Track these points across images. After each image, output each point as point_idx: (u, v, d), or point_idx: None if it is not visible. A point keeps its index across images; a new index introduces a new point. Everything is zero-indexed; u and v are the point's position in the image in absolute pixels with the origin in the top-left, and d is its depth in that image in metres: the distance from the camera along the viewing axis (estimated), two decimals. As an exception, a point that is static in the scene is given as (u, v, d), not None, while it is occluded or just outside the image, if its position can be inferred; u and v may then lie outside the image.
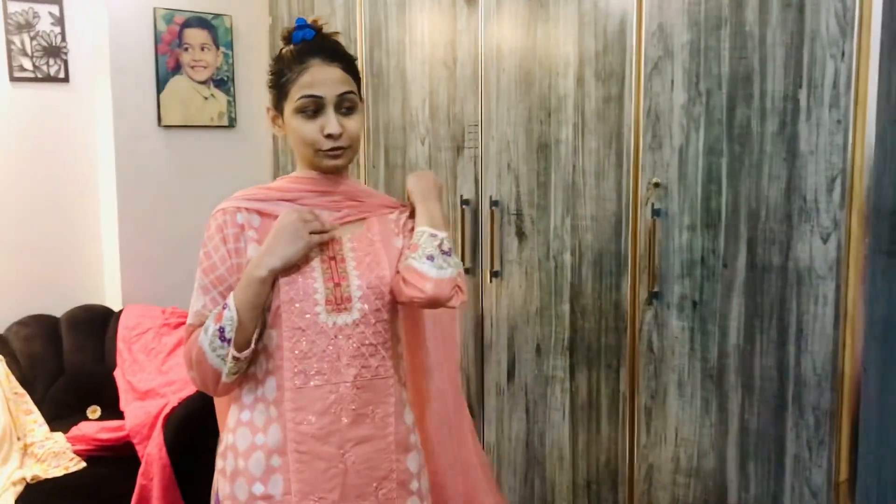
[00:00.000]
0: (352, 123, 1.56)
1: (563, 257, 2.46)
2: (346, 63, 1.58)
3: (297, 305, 1.52)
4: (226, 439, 1.60)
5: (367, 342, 1.56)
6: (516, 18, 2.49)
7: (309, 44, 1.57)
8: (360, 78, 1.62)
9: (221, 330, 1.48)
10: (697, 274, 2.17)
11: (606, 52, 2.29)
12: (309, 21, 1.60)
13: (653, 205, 2.22)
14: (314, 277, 1.54)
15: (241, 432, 1.56)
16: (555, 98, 2.42)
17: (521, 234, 2.55)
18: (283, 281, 1.52)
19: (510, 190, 2.56)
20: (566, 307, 2.46)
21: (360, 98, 1.61)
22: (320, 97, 1.53)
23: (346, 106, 1.55)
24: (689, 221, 2.16)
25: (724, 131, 2.08)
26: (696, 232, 2.16)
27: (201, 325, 1.54)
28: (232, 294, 1.50)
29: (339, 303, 1.54)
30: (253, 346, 1.52)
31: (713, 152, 2.10)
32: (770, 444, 2.07)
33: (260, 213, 1.58)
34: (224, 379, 1.51)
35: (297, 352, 1.52)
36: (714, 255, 2.13)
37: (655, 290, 2.24)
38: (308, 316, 1.52)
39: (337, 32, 1.65)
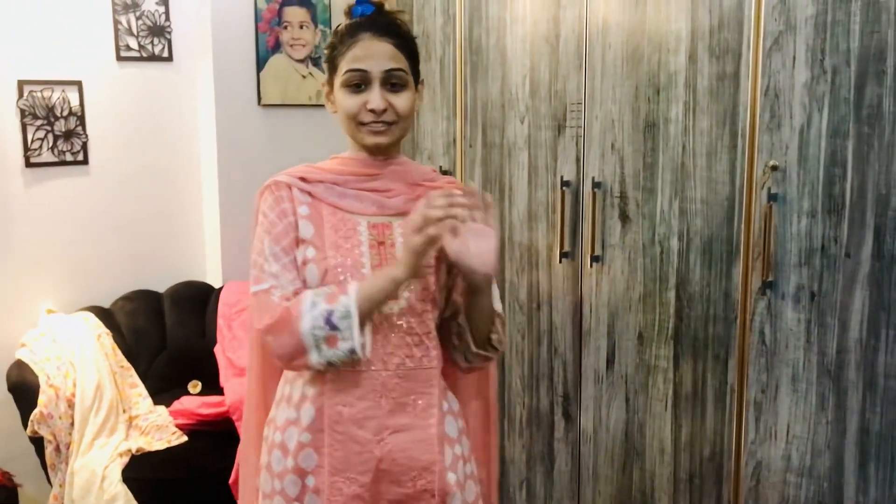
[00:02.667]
0: (399, 100, 1.53)
1: (669, 242, 2.36)
2: (400, 39, 1.55)
3: None
4: (270, 412, 1.63)
5: (412, 332, 1.54)
6: (624, -8, 2.39)
7: (364, 20, 1.55)
8: (416, 57, 1.59)
9: (330, 313, 1.43)
10: (817, 263, 2.04)
11: (722, 26, 2.17)
12: None
13: (769, 189, 2.09)
14: (362, 263, 1.52)
15: (282, 406, 1.59)
16: (664, 75, 2.31)
17: (624, 218, 2.46)
18: (332, 264, 1.51)
19: (614, 171, 2.47)
20: (671, 294, 2.37)
21: (417, 77, 1.57)
22: (366, 71, 1.51)
23: (393, 82, 1.52)
24: (808, 207, 2.04)
25: (852, 111, 1.94)
26: (816, 218, 2.03)
27: (294, 293, 1.50)
28: (354, 285, 1.45)
29: None
30: (361, 354, 1.45)
31: (838, 134, 1.97)
32: (894, 446, 1.94)
33: (311, 195, 1.58)
34: (311, 361, 1.46)
35: None
36: (836, 243, 2.00)
37: (770, 279, 2.12)
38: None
39: (401, 11, 1.63)
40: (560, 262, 2.64)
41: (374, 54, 1.51)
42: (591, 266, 2.55)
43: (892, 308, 1.92)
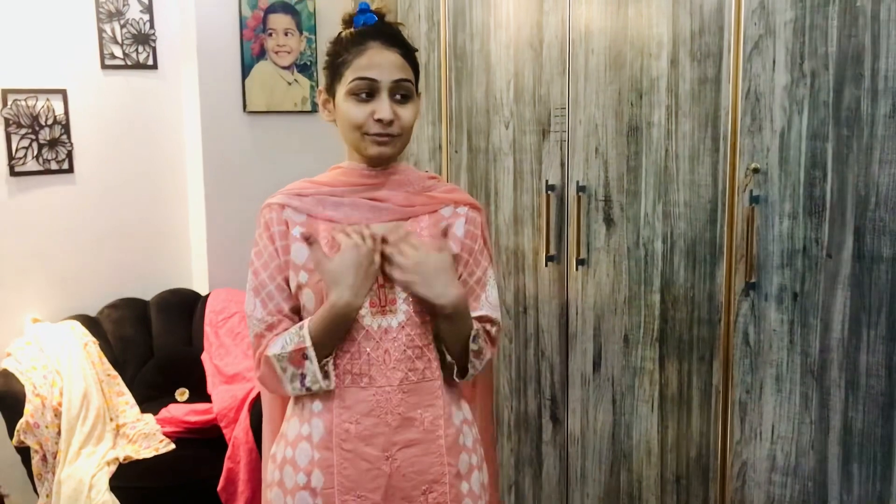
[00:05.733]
0: (405, 112, 1.52)
1: (653, 245, 2.37)
2: (406, 50, 1.54)
3: None
4: (282, 427, 1.61)
5: (413, 344, 1.52)
6: (606, -2, 2.41)
7: (370, 28, 1.53)
8: (418, 69, 1.58)
9: (303, 377, 1.49)
10: (799, 264, 2.06)
11: (703, 31, 2.19)
12: (373, 7, 1.56)
13: (751, 191, 2.12)
14: None
15: (292, 422, 1.57)
16: (647, 80, 2.33)
17: (609, 221, 2.48)
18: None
19: (598, 175, 2.49)
20: (656, 297, 2.38)
21: (417, 89, 1.56)
22: (375, 80, 1.49)
23: (400, 93, 1.51)
24: (790, 209, 2.06)
25: (831, 114, 1.96)
26: (797, 220, 2.05)
27: (267, 329, 1.54)
28: (311, 343, 1.47)
29: (383, 305, 1.51)
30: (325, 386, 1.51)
31: (818, 136, 1.99)
32: (876, 445, 1.97)
33: (307, 213, 1.55)
34: (289, 393, 1.55)
35: (344, 354, 1.50)
36: (817, 244, 2.02)
37: (752, 280, 2.14)
38: (354, 319, 1.49)
39: (400, 23, 1.61)
40: (546, 265, 2.66)
41: (383, 63, 1.49)
42: (576, 269, 2.57)
43: (872, 308, 1.94)
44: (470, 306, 1.59)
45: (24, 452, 2.73)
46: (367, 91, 1.49)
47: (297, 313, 1.56)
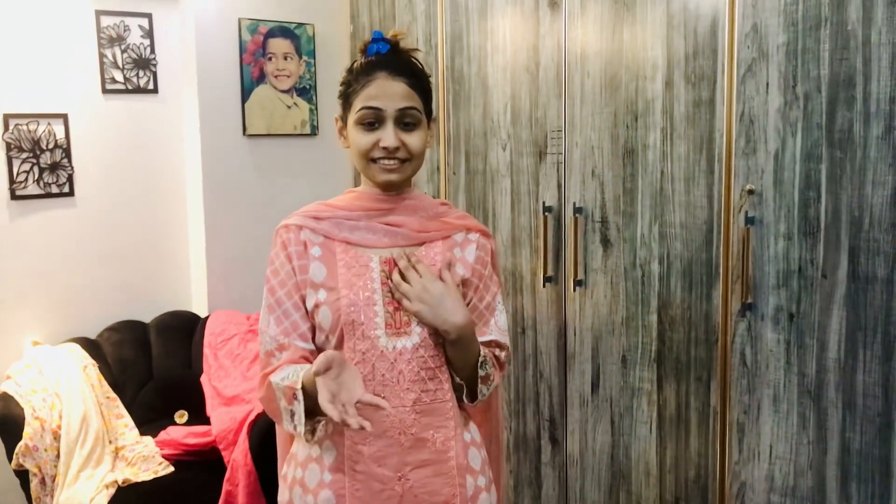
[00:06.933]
0: (412, 139, 1.55)
1: (650, 266, 2.39)
2: (414, 79, 1.57)
3: (359, 329, 1.52)
4: (292, 447, 1.62)
5: (426, 366, 1.54)
6: (601, 21, 2.43)
7: (380, 57, 1.57)
8: (430, 95, 1.61)
9: (292, 414, 1.47)
10: (794, 285, 2.07)
11: (697, 54, 2.22)
12: (388, 35, 1.60)
13: (746, 212, 2.13)
14: (375, 300, 1.54)
15: (303, 443, 1.58)
16: (642, 102, 2.36)
17: (606, 242, 2.49)
18: (344, 304, 1.52)
19: (595, 196, 2.51)
20: (653, 318, 2.39)
21: (429, 115, 1.59)
22: (380, 109, 1.53)
23: (406, 121, 1.54)
24: (785, 230, 2.07)
25: (824, 136, 1.98)
26: (792, 241, 2.06)
27: (278, 349, 1.54)
28: (302, 385, 1.44)
29: (398, 326, 1.54)
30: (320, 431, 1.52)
31: (811, 158, 2.01)
32: (874, 465, 1.97)
33: (324, 235, 1.58)
34: (285, 428, 1.53)
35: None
36: (812, 265, 2.03)
37: (749, 301, 2.15)
38: (369, 340, 1.51)
39: (416, 49, 1.64)
40: (544, 286, 2.67)
41: (389, 93, 1.53)
42: (574, 290, 2.58)
43: (868, 328, 1.95)
44: (479, 331, 1.62)
45: (22, 476, 2.73)
46: (373, 119, 1.53)
47: (311, 332, 1.57)
